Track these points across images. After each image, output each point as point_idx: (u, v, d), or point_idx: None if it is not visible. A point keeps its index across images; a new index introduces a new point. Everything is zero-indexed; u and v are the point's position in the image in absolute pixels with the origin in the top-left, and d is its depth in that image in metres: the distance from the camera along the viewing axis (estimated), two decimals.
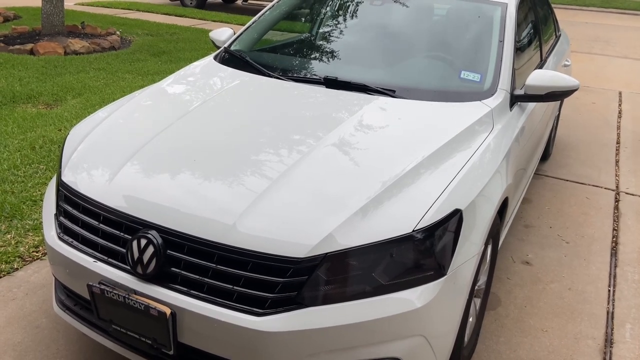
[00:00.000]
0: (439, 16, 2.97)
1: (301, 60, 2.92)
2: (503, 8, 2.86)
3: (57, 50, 6.92)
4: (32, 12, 9.83)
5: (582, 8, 14.65)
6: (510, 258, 3.13)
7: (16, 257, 2.83)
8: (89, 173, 2.04)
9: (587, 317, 2.66)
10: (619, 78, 7.43)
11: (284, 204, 1.75)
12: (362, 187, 1.82)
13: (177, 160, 1.99)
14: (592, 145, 4.94)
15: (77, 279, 1.94)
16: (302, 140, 2.08)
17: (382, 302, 1.66)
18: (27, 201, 3.32)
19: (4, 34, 7.65)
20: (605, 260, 3.15)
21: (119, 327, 1.85)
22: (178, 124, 2.23)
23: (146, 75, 6.19)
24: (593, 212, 3.71)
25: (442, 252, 1.75)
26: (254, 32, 3.22)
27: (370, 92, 2.45)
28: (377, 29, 2.92)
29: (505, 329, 2.55)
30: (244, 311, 1.66)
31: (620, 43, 9.98)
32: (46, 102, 5.15)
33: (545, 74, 2.55)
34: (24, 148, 4.02)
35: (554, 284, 2.91)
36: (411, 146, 2.06)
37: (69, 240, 1.98)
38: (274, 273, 1.65)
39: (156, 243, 1.73)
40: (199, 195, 1.81)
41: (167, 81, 2.77)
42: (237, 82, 2.61)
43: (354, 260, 1.67)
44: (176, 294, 1.73)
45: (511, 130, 2.44)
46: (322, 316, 1.63)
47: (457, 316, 1.85)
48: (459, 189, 1.88)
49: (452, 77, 2.63)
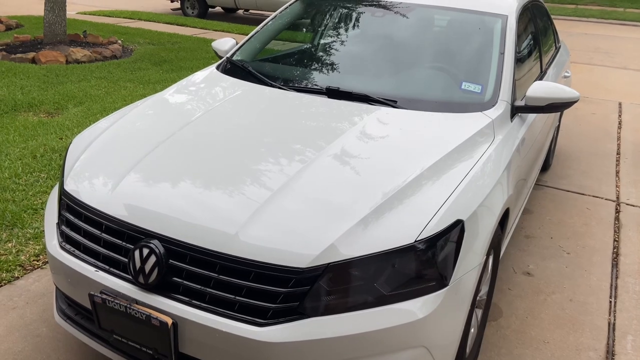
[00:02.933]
0: (440, 27, 2.98)
1: (303, 71, 2.93)
2: (503, 20, 2.88)
3: (58, 59, 6.95)
4: (34, 21, 9.88)
5: (582, 19, 14.72)
6: (511, 269, 3.13)
7: (17, 265, 2.83)
8: (91, 182, 2.04)
9: (588, 329, 2.65)
10: (619, 89, 7.45)
11: (286, 213, 1.76)
12: (364, 197, 1.82)
13: (179, 170, 1.99)
14: (592, 156, 4.94)
15: (78, 288, 1.94)
16: (304, 150, 2.08)
17: (384, 313, 1.66)
18: (28, 209, 3.32)
19: (6, 43, 7.68)
20: (607, 271, 3.15)
21: (120, 337, 1.85)
22: (180, 133, 2.24)
23: (147, 84, 6.21)
24: (594, 223, 3.71)
25: (444, 262, 1.75)
26: (256, 42, 3.24)
27: (372, 103, 2.46)
28: (379, 40, 2.94)
29: (506, 340, 2.55)
30: (245, 321, 1.66)
31: (620, 54, 10.03)
32: (47, 111, 5.16)
33: (545, 86, 2.57)
34: (25, 156, 4.02)
35: (555, 295, 2.91)
36: (413, 157, 2.07)
37: (70, 249, 1.98)
38: (276, 283, 1.65)
39: (158, 252, 1.74)
40: (201, 205, 1.81)
41: (169, 91, 2.78)
42: (239, 92, 2.63)
43: (356, 271, 1.67)
44: (178, 303, 1.73)
45: (512, 141, 2.45)
46: (324, 327, 1.63)
47: (459, 327, 1.85)
48: (460, 200, 1.88)
49: (453, 88, 2.64)
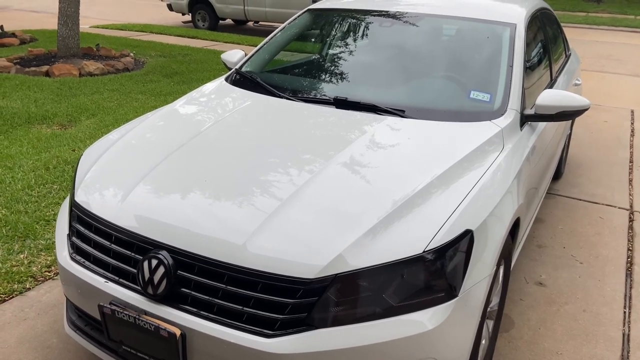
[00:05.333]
0: (448, 36, 2.98)
1: (311, 81, 2.94)
2: (512, 28, 2.87)
3: (72, 72, 7.05)
4: (48, 35, 10.04)
5: (593, 27, 14.64)
6: (523, 279, 3.09)
7: (28, 276, 2.85)
8: (102, 194, 2.06)
9: (602, 340, 2.61)
10: (631, 96, 7.38)
11: (294, 224, 1.76)
12: (372, 207, 1.82)
13: (189, 181, 2.00)
14: (604, 164, 4.89)
15: (88, 299, 1.95)
16: (312, 160, 2.08)
17: (393, 324, 1.65)
18: (41, 221, 3.35)
19: (21, 57, 7.81)
20: (620, 281, 3.10)
21: (129, 348, 1.85)
22: (190, 145, 2.25)
23: (159, 96, 6.27)
24: (607, 231, 3.66)
25: (453, 273, 1.74)
26: (265, 53, 3.26)
27: (380, 112, 2.46)
28: (387, 50, 2.95)
29: (519, 351, 2.51)
30: (253, 332, 1.65)
31: (632, 61, 9.94)
32: (61, 123, 5.23)
33: (555, 94, 2.55)
34: (38, 168, 4.07)
35: (568, 305, 2.87)
36: (421, 166, 2.06)
37: (81, 260, 1.99)
38: (284, 294, 1.65)
39: (167, 263, 1.74)
40: (209, 216, 1.82)
41: (179, 103, 2.81)
42: (248, 103, 2.64)
43: (364, 281, 1.66)
44: (186, 314, 1.73)
45: (522, 150, 2.43)
46: (332, 338, 1.62)
47: (469, 338, 1.82)
48: (469, 210, 1.87)
49: (461, 97, 2.63)
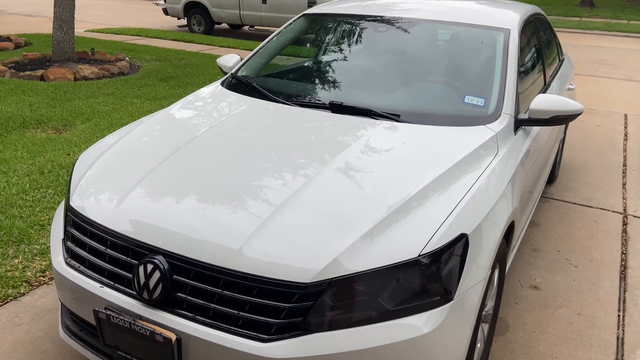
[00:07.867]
0: (442, 41, 3.00)
1: (307, 86, 2.95)
2: (506, 34, 2.89)
3: (67, 76, 7.04)
4: (43, 39, 10.02)
5: (586, 31, 14.74)
6: (518, 282, 3.10)
7: (23, 281, 2.84)
8: (97, 198, 2.06)
9: (597, 343, 2.62)
10: (624, 100, 7.43)
11: (289, 228, 1.76)
12: (367, 211, 1.82)
13: (184, 186, 2.00)
14: (598, 168, 4.92)
15: (83, 304, 1.94)
16: (308, 164, 2.09)
17: (389, 328, 1.65)
18: (35, 225, 3.34)
19: (15, 61, 7.79)
20: (615, 284, 3.12)
21: (124, 353, 1.84)
22: (185, 149, 2.26)
23: (154, 100, 6.27)
24: (601, 235, 3.68)
25: (448, 276, 1.74)
26: (261, 57, 3.26)
27: (375, 117, 2.47)
28: (382, 55, 2.96)
29: (514, 355, 2.52)
30: (249, 337, 1.65)
31: (625, 66, 10.01)
32: (55, 127, 5.21)
33: (549, 98, 2.57)
34: (33, 173, 4.06)
35: (562, 308, 2.88)
36: (416, 170, 2.07)
37: (76, 265, 1.99)
38: (280, 298, 1.65)
39: (162, 268, 1.74)
40: (205, 220, 1.82)
41: (174, 107, 2.81)
42: (243, 108, 2.65)
43: (360, 286, 1.66)
44: (182, 319, 1.73)
45: (516, 154, 2.45)
46: (328, 342, 1.62)
47: (464, 342, 1.83)
48: (464, 214, 1.88)
49: (456, 101, 2.65)
